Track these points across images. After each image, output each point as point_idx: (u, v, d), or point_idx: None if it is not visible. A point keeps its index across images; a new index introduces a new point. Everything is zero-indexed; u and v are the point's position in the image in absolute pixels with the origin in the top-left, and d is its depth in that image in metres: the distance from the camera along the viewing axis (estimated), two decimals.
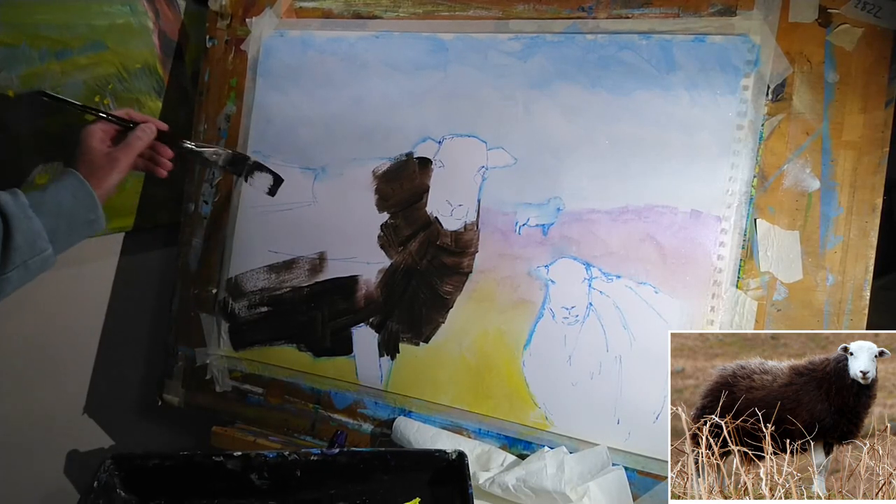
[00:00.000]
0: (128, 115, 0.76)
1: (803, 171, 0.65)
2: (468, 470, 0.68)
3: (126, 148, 0.72)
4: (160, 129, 0.77)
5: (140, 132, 0.74)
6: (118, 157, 0.71)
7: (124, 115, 0.76)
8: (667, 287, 0.69)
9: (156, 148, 0.78)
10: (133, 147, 0.73)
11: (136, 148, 0.73)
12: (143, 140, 0.74)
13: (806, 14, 0.65)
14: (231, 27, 0.90)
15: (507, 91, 0.75)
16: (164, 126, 0.78)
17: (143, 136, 0.74)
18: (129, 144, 0.73)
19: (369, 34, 0.82)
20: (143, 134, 0.74)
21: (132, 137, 0.73)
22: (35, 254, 0.63)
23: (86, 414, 0.96)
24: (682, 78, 0.69)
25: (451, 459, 0.70)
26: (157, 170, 0.79)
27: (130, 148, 0.73)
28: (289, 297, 0.85)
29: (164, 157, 0.79)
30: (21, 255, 0.62)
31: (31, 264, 0.63)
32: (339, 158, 0.83)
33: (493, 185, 0.76)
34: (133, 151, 0.73)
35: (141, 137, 0.74)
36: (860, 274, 0.63)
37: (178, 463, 0.72)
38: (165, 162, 0.79)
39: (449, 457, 0.70)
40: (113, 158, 0.71)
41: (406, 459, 0.72)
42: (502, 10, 0.76)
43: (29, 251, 0.62)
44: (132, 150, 0.73)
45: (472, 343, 0.76)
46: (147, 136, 0.74)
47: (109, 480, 0.71)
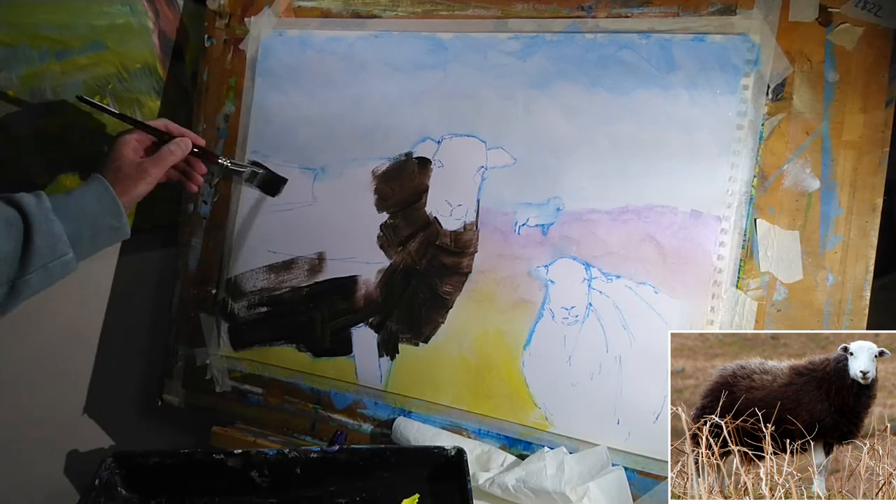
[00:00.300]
0: (165, 126, 0.76)
1: (803, 170, 0.65)
2: (467, 466, 0.69)
3: (158, 160, 0.72)
4: (196, 143, 0.77)
5: (174, 146, 0.73)
6: (148, 168, 0.71)
7: (162, 127, 0.75)
8: (667, 287, 0.69)
9: (190, 162, 0.78)
10: (165, 160, 0.72)
11: (168, 161, 0.73)
12: (175, 155, 0.73)
13: (806, 13, 0.65)
14: (230, 26, 0.90)
15: (506, 91, 0.75)
16: (202, 141, 0.78)
17: (177, 150, 0.74)
18: (162, 157, 0.72)
19: (368, 34, 0.82)
20: (177, 148, 0.74)
21: (165, 150, 0.73)
22: (55, 257, 0.62)
23: (86, 414, 0.96)
24: (681, 77, 0.68)
25: (450, 456, 0.71)
26: (188, 184, 0.80)
27: (162, 161, 0.72)
28: (288, 297, 0.85)
29: (198, 172, 0.79)
30: (41, 258, 0.61)
31: (52, 267, 0.62)
32: (339, 158, 0.83)
33: (493, 185, 0.76)
34: (165, 164, 0.72)
35: (174, 152, 0.73)
36: (860, 274, 0.63)
37: (178, 461, 0.72)
38: (198, 177, 0.79)
39: (448, 453, 0.71)
40: (143, 169, 0.70)
41: (405, 456, 0.72)
42: (501, 10, 0.76)
43: (49, 254, 0.62)
44: (164, 162, 0.72)
45: (472, 343, 0.76)
46: (181, 151, 0.74)
47: (110, 478, 0.71)
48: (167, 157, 0.72)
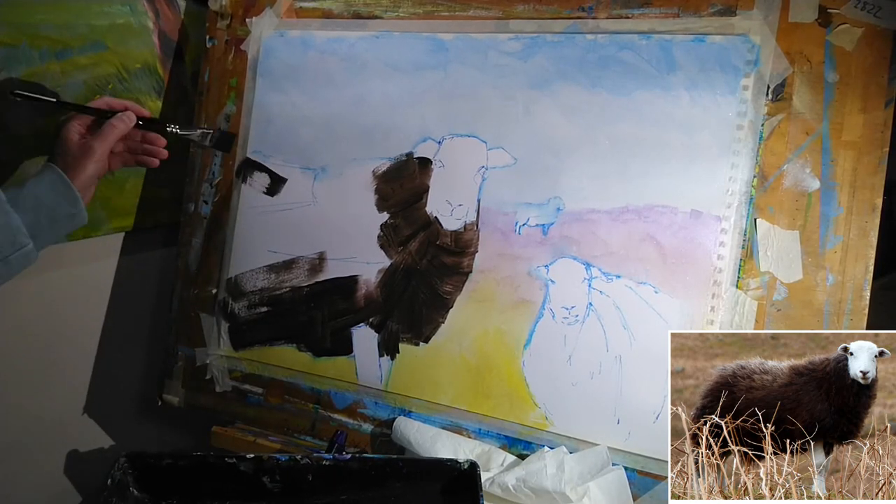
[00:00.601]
0: (107, 105, 0.74)
1: (803, 171, 0.65)
2: (480, 480, 0.68)
3: (100, 136, 0.71)
4: (141, 115, 0.75)
5: (116, 120, 0.72)
6: (92, 145, 0.70)
7: (103, 105, 0.74)
8: (667, 287, 0.69)
9: (145, 138, 0.77)
10: (107, 135, 0.71)
11: (110, 135, 0.71)
12: (118, 128, 0.72)
13: (806, 14, 0.65)
14: (231, 27, 0.90)
15: (507, 91, 0.75)
16: (146, 112, 0.76)
17: (119, 123, 0.72)
18: (104, 133, 0.71)
19: (369, 34, 0.82)
20: (119, 122, 0.72)
21: (107, 125, 0.72)
22: (16, 249, 0.63)
23: (86, 414, 0.96)
24: (682, 78, 0.69)
25: (463, 469, 0.70)
26: (149, 160, 0.78)
27: (104, 136, 0.71)
28: (288, 297, 0.85)
29: (157, 145, 0.77)
30: (1, 251, 0.62)
31: (13, 260, 0.63)
32: (339, 158, 0.83)
33: (493, 185, 0.76)
34: (108, 139, 0.71)
35: (116, 125, 0.72)
36: (860, 274, 0.63)
37: (191, 463, 0.72)
38: (159, 150, 0.78)
39: (461, 466, 0.70)
40: (87, 147, 0.70)
41: (418, 467, 0.72)
42: (502, 10, 0.76)
43: (9, 246, 0.62)
44: (106, 137, 0.71)
45: (472, 343, 0.76)
46: (123, 124, 0.72)
47: (123, 479, 0.71)
48: (110, 132, 0.71)
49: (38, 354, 0.89)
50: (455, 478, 0.70)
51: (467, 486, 0.69)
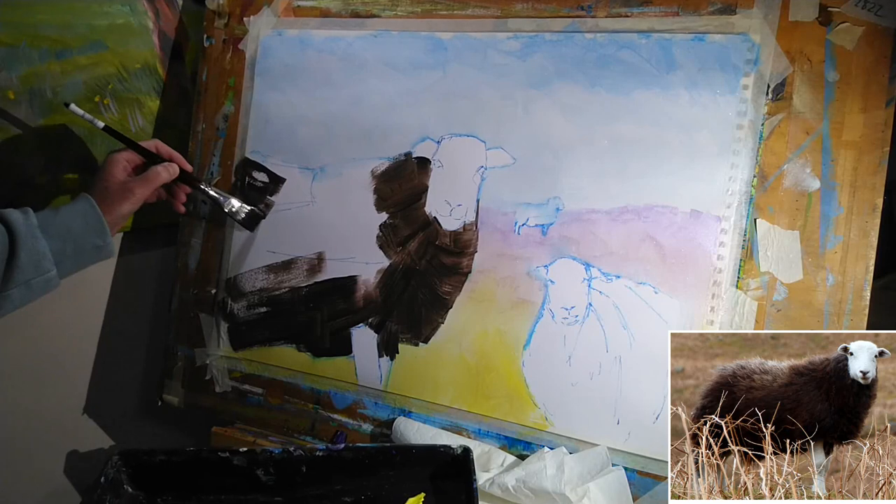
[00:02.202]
0: (156, 148, 0.76)
1: (803, 170, 0.65)
2: (473, 465, 0.68)
3: (145, 181, 0.72)
4: (184, 169, 0.78)
5: (162, 169, 0.74)
6: (134, 188, 0.71)
7: (152, 148, 0.76)
8: (666, 287, 0.69)
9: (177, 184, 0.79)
10: (151, 182, 0.73)
11: (153, 183, 0.73)
12: (162, 177, 0.74)
13: (806, 13, 0.65)
14: (229, 26, 0.90)
15: (506, 90, 0.75)
16: (189, 167, 0.79)
17: (164, 173, 0.74)
18: (149, 179, 0.73)
19: (368, 33, 0.82)
20: (165, 171, 0.75)
21: (153, 172, 0.73)
22: (38, 274, 0.63)
23: (86, 414, 0.96)
24: (681, 77, 0.68)
25: (456, 454, 0.70)
26: (175, 204, 0.81)
27: (149, 182, 0.73)
28: (287, 297, 0.85)
29: (184, 192, 0.80)
30: (24, 275, 0.62)
31: (34, 284, 0.63)
32: (338, 158, 0.83)
33: (493, 185, 0.76)
34: (150, 186, 0.73)
35: (161, 174, 0.74)
36: (860, 274, 0.63)
37: (184, 459, 0.72)
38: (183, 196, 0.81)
39: (454, 452, 0.70)
40: (129, 189, 0.71)
41: (411, 455, 0.72)
42: (501, 9, 0.76)
43: (33, 271, 0.62)
44: (150, 184, 0.73)
45: (472, 343, 0.76)
46: (168, 175, 0.75)
47: (117, 476, 0.72)
48: (154, 179, 0.73)
49: (37, 354, 0.89)
50: (448, 463, 0.71)
51: (460, 471, 0.69)
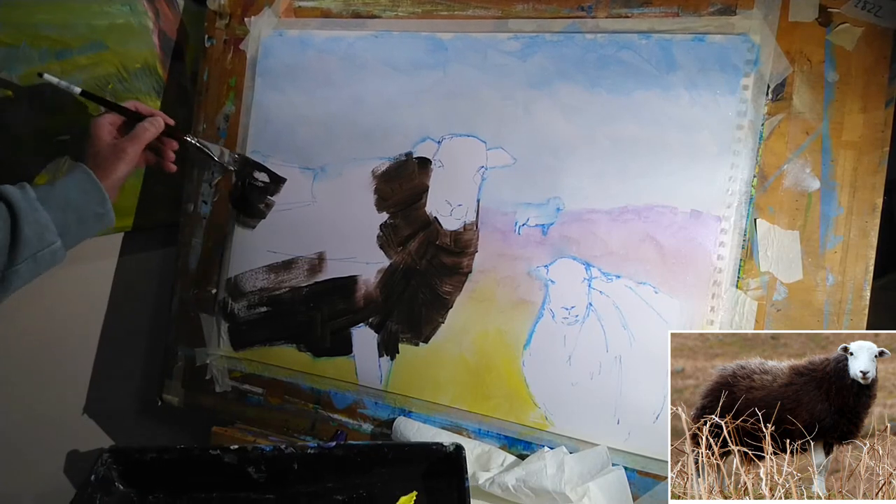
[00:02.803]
0: (135, 107, 0.76)
1: (803, 170, 0.65)
2: (465, 462, 0.68)
3: (133, 139, 0.72)
4: (167, 122, 0.77)
5: (148, 123, 0.73)
6: (125, 147, 0.71)
7: (132, 107, 0.75)
8: (666, 287, 0.69)
9: (163, 141, 0.78)
10: (140, 138, 0.72)
11: (143, 139, 0.72)
12: (150, 132, 0.73)
13: (806, 13, 0.65)
14: (230, 27, 0.90)
15: (506, 91, 0.75)
16: (171, 120, 0.78)
17: (151, 127, 0.74)
18: (137, 136, 0.72)
19: (368, 34, 0.82)
20: (151, 126, 0.74)
21: (140, 128, 0.73)
22: (44, 246, 0.63)
23: (86, 414, 0.96)
24: (681, 77, 0.68)
25: (448, 452, 0.70)
26: (165, 164, 0.79)
27: (138, 139, 0.72)
28: (288, 297, 0.85)
29: (170, 149, 0.79)
30: (30, 248, 0.61)
31: (40, 257, 0.63)
32: (339, 158, 0.83)
33: (493, 185, 0.76)
34: (141, 142, 0.72)
35: (148, 129, 0.73)
36: (860, 274, 0.63)
37: (175, 456, 0.72)
38: (171, 155, 0.79)
39: (446, 449, 0.70)
40: (120, 149, 0.70)
41: (403, 452, 0.72)
42: (501, 10, 0.76)
43: (38, 243, 0.62)
44: (140, 140, 0.72)
45: (472, 343, 0.76)
46: (154, 128, 0.74)
47: (107, 474, 0.71)
48: (142, 135, 0.72)
49: (37, 354, 0.89)
50: (440, 461, 0.71)
51: (453, 469, 0.69)
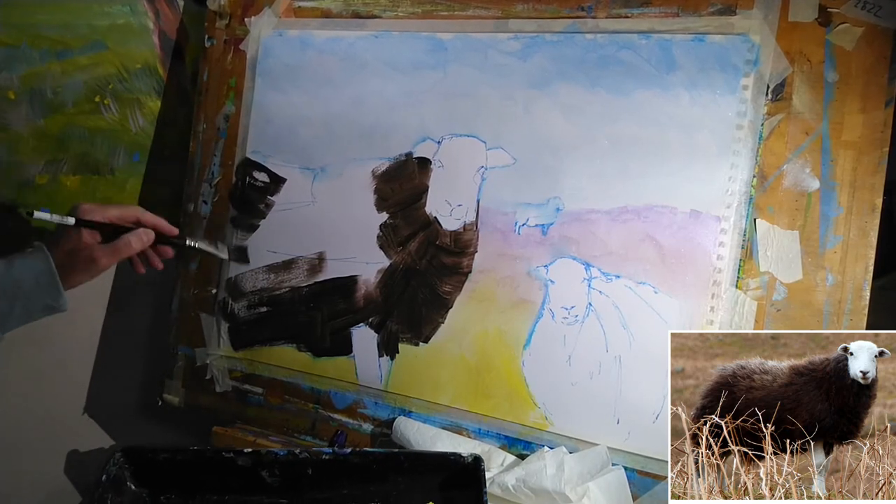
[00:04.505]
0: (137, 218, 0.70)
1: (803, 170, 0.65)
2: (484, 475, 0.67)
3: (112, 252, 0.67)
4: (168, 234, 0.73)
5: (135, 238, 0.68)
6: (99, 259, 0.66)
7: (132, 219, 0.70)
8: (666, 287, 0.69)
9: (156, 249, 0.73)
10: (120, 253, 0.68)
11: (122, 254, 0.68)
12: (132, 248, 0.68)
13: (806, 13, 0.65)
14: (230, 27, 0.90)
15: (506, 91, 0.75)
16: (174, 231, 0.73)
17: (136, 243, 0.69)
18: (117, 249, 0.67)
19: (368, 34, 0.82)
20: (137, 241, 0.69)
21: (122, 243, 0.67)
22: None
23: (86, 414, 0.96)
24: (681, 78, 0.68)
25: (466, 463, 0.69)
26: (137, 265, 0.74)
27: (116, 253, 0.67)
28: (288, 297, 0.85)
29: (163, 256, 0.75)
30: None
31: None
32: (339, 158, 0.83)
33: (493, 185, 0.76)
34: (119, 257, 0.68)
35: (130, 244, 0.68)
36: (860, 274, 0.63)
37: (188, 457, 0.72)
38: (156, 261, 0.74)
39: (465, 460, 0.69)
40: (93, 259, 0.66)
41: (420, 461, 0.71)
42: (502, 10, 0.76)
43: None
44: (119, 255, 0.68)
45: (472, 343, 0.76)
46: (139, 245, 0.69)
47: (119, 473, 0.71)
48: (123, 250, 0.68)
49: (38, 354, 0.89)
50: (458, 472, 0.70)
51: (470, 480, 0.68)
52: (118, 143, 0.89)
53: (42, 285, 0.63)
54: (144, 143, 0.91)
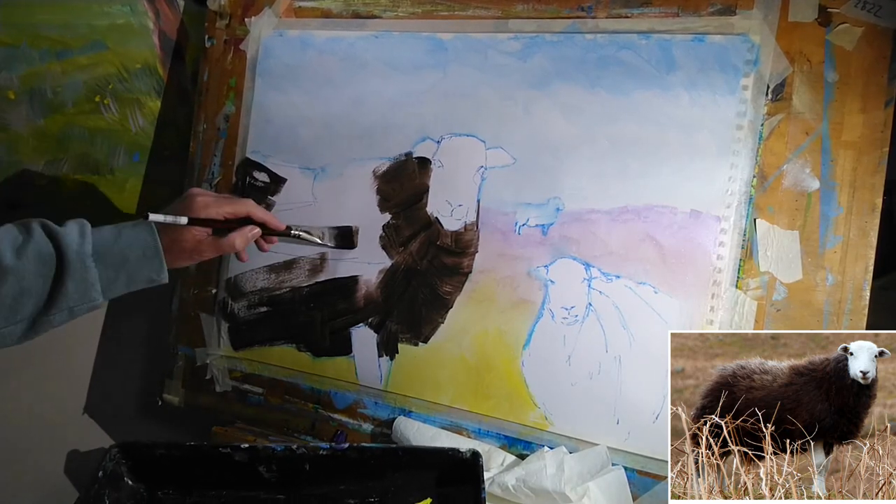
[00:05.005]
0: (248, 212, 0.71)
1: (803, 170, 0.65)
2: (482, 470, 0.67)
3: (217, 247, 0.69)
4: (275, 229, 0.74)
5: (239, 238, 0.70)
6: (203, 251, 0.69)
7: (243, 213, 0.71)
8: (666, 287, 0.69)
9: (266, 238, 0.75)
10: (222, 250, 0.70)
11: (226, 251, 0.71)
12: (235, 248, 0.71)
13: (806, 13, 0.65)
14: (230, 27, 0.90)
15: (506, 91, 0.75)
16: (281, 226, 0.75)
17: (239, 244, 0.71)
18: (222, 246, 0.70)
19: (368, 34, 0.82)
20: (240, 241, 0.71)
21: (227, 243, 0.70)
22: (84, 302, 0.61)
23: (86, 414, 0.96)
24: (681, 78, 0.68)
25: (464, 458, 0.69)
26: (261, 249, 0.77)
27: (219, 249, 0.70)
28: (288, 297, 0.85)
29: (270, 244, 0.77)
30: (69, 302, 0.60)
31: (77, 311, 0.61)
32: (339, 158, 0.83)
33: (493, 185, 0.76)
34: (220, 252, 0.70)
35: (235, 245, 0.70)
36: (860, 274, 0.63)
37: (185, 453, 0.72)
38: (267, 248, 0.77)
39: (462, 455, 0.69)
40: (199, 251, 0.68)
41: (418, 457, 0.71)
42: (502, 10, 0.76)
43: (79, 299, 0.60)
44: (220, 251, 0.70)
45: (472, 343, 0.76)
46: (242, 245, 0.71)
47: (116, 469, 0.71)
48: (226, 248, 0.70)
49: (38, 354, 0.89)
50: (456, 467, 0.70)
51: (469, 476, 0.68)
52: (118, 143, 0.89)
53: (149, 259, 0.64)
54: (144, 143, 0.91)
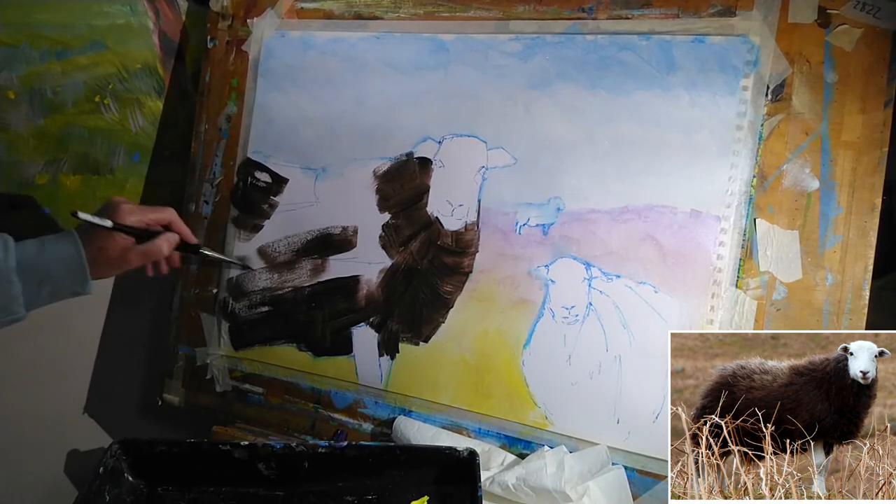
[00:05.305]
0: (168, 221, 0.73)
1: (802, 170, 0.65)
2: (479, 469, 0.68)
3: (143, 254, 0.70)
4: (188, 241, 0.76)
5: (164, 242, 0.71)
6: (131, 259, 0.69)
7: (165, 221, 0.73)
8: (666, 287, 0.69)
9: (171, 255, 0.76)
10: (149, 256, 0.71)
11: (152, 258, 0.71)
12: (162, 252, 0.72)
13: (805, 14, 0.65)
14: (232, 28, 0.90)
15: (507, 91, 0.76)
16: (193, 239, 0.77)
17: (165, 248, 0.72)
18: (148, 253, 0.70)
19: (370, 35, 0.82)
20: (166, 246, 0.72)
21: (154, 247, 0.71)
22: (5, 316, 0.61)
23: (86, 414, 0.96)
24: (681, 78, 0.69)
25: (461, 457, 0.70)
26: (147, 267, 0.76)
27: (147, 256, 0.70)
28: (289, 296, 0.85)
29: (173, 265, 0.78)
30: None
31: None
32: (340, 158, 0.83)
33: (494, 185, 0.76)
34: (147, 259, 0.71)
35: (162, 249, 0.71)
36: (859, 274, 0.63)
37: (184, 450, 0.72)
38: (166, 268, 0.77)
39: (460, 454, 0.70)
40: (125, 259, 0.69)
41: (415, 455, 0.72)
42: (503, 11, 0.76)
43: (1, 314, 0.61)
44: (147, 258, 0.71)
45: (472, 343, 0.76)
46: (168, 250, 0.72)
47: (116, 465, 0.71)
48: (153, 253, 0.71)
49: (38, 354, 0.89)
50: (453, 466, 0.70)
51: (466, 474, 0.68)
52: (118, 143, 0.89)
53: (73, 272, 0.64)
54: (144, 143, 0.91)
